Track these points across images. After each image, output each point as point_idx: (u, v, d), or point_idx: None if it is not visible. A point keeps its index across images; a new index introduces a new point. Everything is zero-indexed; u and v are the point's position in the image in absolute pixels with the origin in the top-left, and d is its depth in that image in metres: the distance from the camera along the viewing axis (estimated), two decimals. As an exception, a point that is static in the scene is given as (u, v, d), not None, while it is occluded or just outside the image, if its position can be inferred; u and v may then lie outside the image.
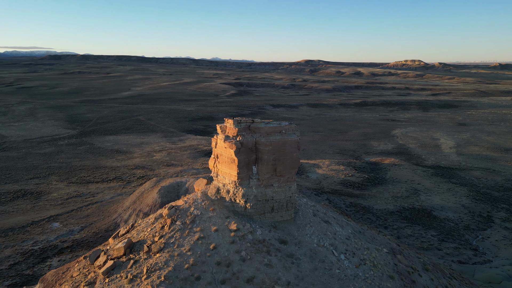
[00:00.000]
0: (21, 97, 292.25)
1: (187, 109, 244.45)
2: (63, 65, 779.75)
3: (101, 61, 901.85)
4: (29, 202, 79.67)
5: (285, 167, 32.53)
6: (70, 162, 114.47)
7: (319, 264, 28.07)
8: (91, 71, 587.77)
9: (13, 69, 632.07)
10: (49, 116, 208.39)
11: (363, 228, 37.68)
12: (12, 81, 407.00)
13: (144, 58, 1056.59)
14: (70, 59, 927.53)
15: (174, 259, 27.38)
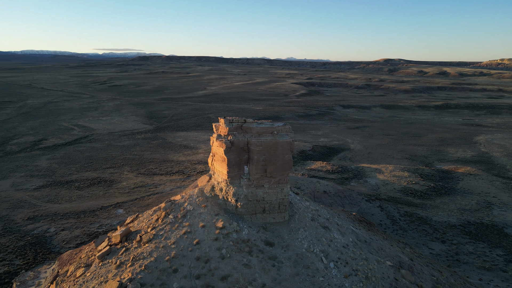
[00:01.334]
0: (111, 94, 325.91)
1: (255, 108, 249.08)
2: (150, 65, 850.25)
3: (183, 62, 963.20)
4: (102, 189, 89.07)
5: (276, 168, 31.85)
6: (143, 155, 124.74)
7: (303, 269, 26.76)
8: (173, 71, 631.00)
9: (108, 69, 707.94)
10: (132, 112, 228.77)
11: (375, 238, 34.66)
12: (106, 80, 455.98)
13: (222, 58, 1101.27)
14: (156, 60, 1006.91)
15: (158, 250, 28.75)
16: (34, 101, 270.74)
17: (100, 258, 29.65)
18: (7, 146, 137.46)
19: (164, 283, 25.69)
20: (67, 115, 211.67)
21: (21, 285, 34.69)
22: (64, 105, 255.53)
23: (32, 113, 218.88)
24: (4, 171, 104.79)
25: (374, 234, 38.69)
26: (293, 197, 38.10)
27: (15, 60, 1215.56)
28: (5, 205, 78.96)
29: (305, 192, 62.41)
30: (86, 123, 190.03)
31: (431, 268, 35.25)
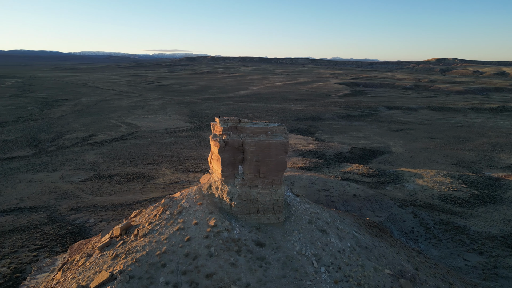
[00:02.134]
0: (158, 93, 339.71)
1: (295, 109, 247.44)
2: (196, 65, 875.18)
3: (228, 62, 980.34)
4: (140, 184, 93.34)
5: (269, 169, 31.26)
6: (181, 152, 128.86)
7: (291, 272, 25.90)
8: (217, 71, 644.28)
9: (157, 69, 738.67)
10: (175, 111, 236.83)
11: (379, 244, 32.59)
12: (154, 80, 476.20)
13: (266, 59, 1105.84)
14: (202, 60, 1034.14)
15: (151, 245, 29.38)
16: (87, 99, 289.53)
17: (99, 249, 31.32)
18: (60, 141, 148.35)
19: (152, 276, 26.55)
20: (116, 113, 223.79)
21: (38, 270, 37.68)
22: (114, 103, 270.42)
23: (85, 110, 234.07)
24: (55, 164, 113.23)
25: (381, 241, 36.72)
26: (292, 199, 37.47)
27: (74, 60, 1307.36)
28: (53, 195, 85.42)
29: (333, 195, 60.99)
30: (132, 120, 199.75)
31: (439, 280, 32.85)
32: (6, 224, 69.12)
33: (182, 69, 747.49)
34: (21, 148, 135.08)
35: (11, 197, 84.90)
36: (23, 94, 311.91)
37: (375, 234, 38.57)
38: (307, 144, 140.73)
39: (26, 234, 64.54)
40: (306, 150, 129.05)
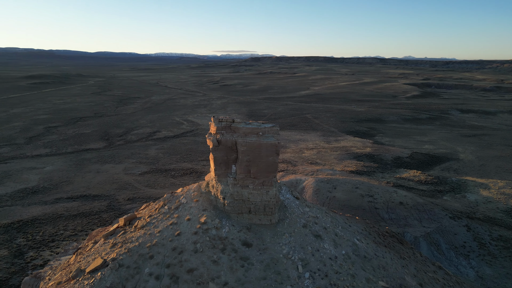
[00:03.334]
0: (221, 93, 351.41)
1: (356, 110, 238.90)
2: (260, 66, 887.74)
3: (292, 62, 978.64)
4: (192, 179, 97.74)
5: (259, 169, 30.51)
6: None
7: (272, 275, 24.66)
8: (280, 71, 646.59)
9: (223, 70, 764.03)
10: (235, 110, 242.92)
11: (384, 255, 29.32)
12: (218, 80, 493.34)
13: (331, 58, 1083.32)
14: (266, 61, 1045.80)
15: (144, 237, 30.25)
16: (157, 97, 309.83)
17: (104, 237, 33.55)
18: (128, 136, 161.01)
19: (139, 266, 27.75)
20: (180, 111, 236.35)
21: (64, 252, 41.55)
22: (180, 102, 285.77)
23: (153, 108, 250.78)
24: (121, 157, 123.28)
25: (388, 252, 33.56)
26: (290, 201, 36.13)
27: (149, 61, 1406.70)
28: (114, 185, 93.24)
29: (378, 201, 57.75)
30: (194, 118, 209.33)
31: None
32: (72, 209, 77.20)
33: (247, 69, 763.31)
34: (94, 141, 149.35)
35: (80, 185, 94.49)
36: (102, 92, 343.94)
37: (385, 244, 35.72)
38: (364, 147, 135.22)
39: (86, 219, 71.46)
40: (362, 153, 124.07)
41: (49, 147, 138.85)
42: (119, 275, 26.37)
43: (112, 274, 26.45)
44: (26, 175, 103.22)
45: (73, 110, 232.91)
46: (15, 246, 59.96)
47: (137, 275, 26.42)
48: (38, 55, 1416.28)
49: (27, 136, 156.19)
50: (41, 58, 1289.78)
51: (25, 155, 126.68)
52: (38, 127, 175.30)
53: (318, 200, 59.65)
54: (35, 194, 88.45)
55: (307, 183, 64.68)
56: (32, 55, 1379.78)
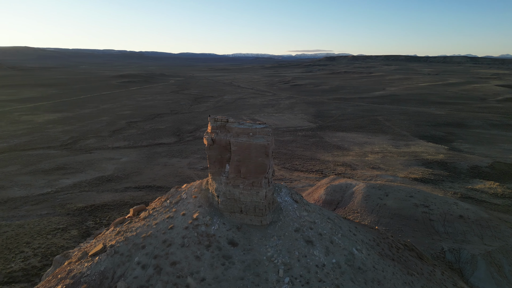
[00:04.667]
0: (290, 93, 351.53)
1: (435, 113, 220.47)
2: (335, 65, 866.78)
3: (369, 61, 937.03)
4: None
5: (248, 170, 29.70)
6: (295, 151, 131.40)
7: (251, 276, 23.14)
8: (355, 71, 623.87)
9: (295, 70, 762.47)
10: (302, 110, 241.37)
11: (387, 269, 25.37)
12: (290, 80, 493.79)
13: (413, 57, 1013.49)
14: (342, 60, 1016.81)
15: (143, 228, 31.01)
16: (228, 97, 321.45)
17: (113, 225, 35.75)
18: (197, 133, 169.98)
19: (131, 255, 29.00)
20: (248, 110, 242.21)
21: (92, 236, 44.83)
22: (249, 101, 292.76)
23: (224, 106, 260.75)
24: (187, 152, 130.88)
25: (394, 266, 29.45)
26: (287, 204, 34.15)
27: (226, 62, 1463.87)
28: (177, 178, 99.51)
29: (434, 213, 52.52)
30: (261, 118, 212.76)
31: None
32: (137, 198, 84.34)
33: (320, 69, 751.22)
34: (167, 136, 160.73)
35: (147, 176, 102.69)
36: (180, 91, 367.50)
37: (393, 257, 31.87)
38: (437, 154, 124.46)
39: (147, 207, 77.52)
40: (433, 160, 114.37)
41: (128, 140, 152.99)
42: (112, 261, 28.59)
43: (107, 260, 28.82)
44: (105, 165, 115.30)
45: (152, 107, 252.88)
46: (84, 227, 67.70)
47: (127, 262, 28.36)
48: (130, 56, 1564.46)
49: (111, 130, 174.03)
50: (132, 59, 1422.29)
51: (106, 147, 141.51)
52: (121, 122, 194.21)
53: (366, 207, 56.68)
54: (109, 182, 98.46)
55: (357, 188, 61.80)
56: (124, 56, 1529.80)
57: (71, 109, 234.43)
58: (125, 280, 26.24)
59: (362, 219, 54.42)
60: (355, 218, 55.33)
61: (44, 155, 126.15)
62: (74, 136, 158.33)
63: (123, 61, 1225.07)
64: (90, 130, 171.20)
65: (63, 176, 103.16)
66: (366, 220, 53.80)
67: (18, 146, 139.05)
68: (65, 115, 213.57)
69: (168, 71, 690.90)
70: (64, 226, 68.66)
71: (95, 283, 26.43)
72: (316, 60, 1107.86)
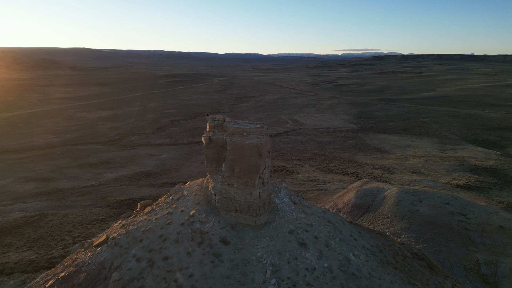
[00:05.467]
0: (333, 93, 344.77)
1: (489, 116, 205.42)
2: (382, 65, 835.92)
3: (420, 61, 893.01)
4: (280, 176, 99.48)
5: (242, 169, 29.33)
6: (332, 152, 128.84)
7: (237, 275, 22.28)
8: (404, 71, 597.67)
9: (340, 69, 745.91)
10: (344, 111, 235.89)
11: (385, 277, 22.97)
12: (333, 79, 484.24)
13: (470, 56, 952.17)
14: (390, 59, 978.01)
15: (143, 222, 31.56)
16: (269, 96, 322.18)
17: (121, 218, 36.98)
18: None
19: (129, 247, 29.80)
20: (288, 110, 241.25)
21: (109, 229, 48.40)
22: (290, 101, 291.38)
23: (264, 106, 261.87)
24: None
25: (393, 274, 26.84)
26: (285, 206, 32.74)
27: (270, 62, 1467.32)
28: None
29: (471, 222, 48.69)
30: (300, 118, 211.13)
31: None
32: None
33: (366, 68, 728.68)
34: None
35: (184, 173, 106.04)
36: (223, 90, 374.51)
37: (395, 265, 29.33)
38: (486, 159, 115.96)
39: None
40: (481, 166, 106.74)
41: (170, 138, 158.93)
42: (112, 252, 29.91)
43: (107, 251, 30.22)
44: (146, 161, 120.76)
45: (195, 106, 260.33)
46: (121, 218, 71.51)
47: (125, 254, 29.49)
48: (178, 57, 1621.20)
49: (155, 127, 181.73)
50: (180, 59, 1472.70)
51: (149, 143, 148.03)
52: (165, 120, 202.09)
53: (397, 212, 54.09)
54: (148, 177, 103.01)
55: (389, 192, 59.15)
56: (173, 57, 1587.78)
57: (120, 107, 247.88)
58: (120, 271, 27.59)
59: (391, 225, 52.23)
60: (385, 223, 53.22)
61: (92, 150, 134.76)
62: (120, 133, 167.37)
63: (171, 62, 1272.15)
64: (136, 127, 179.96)
65: (107, 170, 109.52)
66: (395, 227, 51.56)
67: (71, 140, 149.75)
68: (115, 112, 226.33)
69: (213, 71, 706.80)
70: (103, 218, 72.97)
71: (94, 272, 28.06)
72: (362, 60, 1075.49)
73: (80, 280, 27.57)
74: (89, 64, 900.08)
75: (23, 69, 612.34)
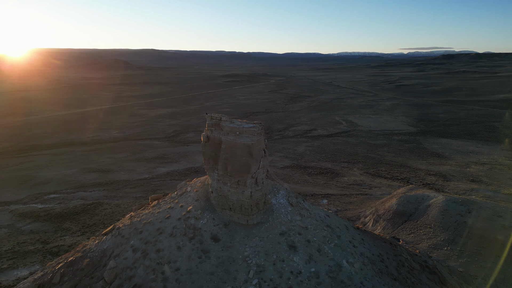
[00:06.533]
0: (394, 93, 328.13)
1: None
2: (452, 64, 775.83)
3: (496, 60, 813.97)
4: (325, 178, 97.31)
5: (234, 168, 29.01)
6: (384, 156, 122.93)
7: (221, 273, 21.40)
8: (477, 70, 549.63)
9: (404, 69, 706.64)
10: (403, 113, 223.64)
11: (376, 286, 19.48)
12: (396, 79, 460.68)
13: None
14: (462, 58, 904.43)
15: (147, 215, 32.38)
16: (325, 96, 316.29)
17: (133, 211, 38.11)
18: (286, 132, 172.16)
19: (129, 237, 31.03)
20: (343, 111, 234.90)
21: None
22: (346, 101, 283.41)
23: (318, 107, 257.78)
24: (272, 150, 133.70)
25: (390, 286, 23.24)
26: (281, 207, 30.64)
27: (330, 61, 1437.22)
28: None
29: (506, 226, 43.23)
30: (355, 119, 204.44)
31: None
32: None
33: (434, 68, 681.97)
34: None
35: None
36: (278, 90, 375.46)
37: (396, 277, 25.88)
38: None
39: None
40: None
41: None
42: (114, 241, 31.62)
43: (111, 240, 32.07)
44: (197, 157, 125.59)
45: (250, 105, 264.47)
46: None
47: (124, 244, 31.00)
48: (239, 57, 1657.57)
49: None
50: (240, 59, 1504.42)
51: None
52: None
53: (442, 222, 49.94)
54: (196, 173, 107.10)
55: (434, 201, 54.74)
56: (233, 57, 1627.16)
57: (179, 105, 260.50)
58: (116, 259, 29.35)
59: (433, 235, 48.56)
60: (427, 233, 49.69)
61: (149, 145, 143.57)
62: (177, 130, 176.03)
63: (231, 62, 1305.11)
64: (191, 125, 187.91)
65: (160, 165, 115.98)
66: (438, 238, 47.86)
67: (131, 136, 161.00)
68: (174, 110, 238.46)
69: (271, 71, 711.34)
70: (150, 208, 77.59)
71: (96, 259, 30.21)
72: (430, 59, 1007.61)
73: (83, 265, 30.23)
74: (156, 65, 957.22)
75: (98, 69, 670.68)
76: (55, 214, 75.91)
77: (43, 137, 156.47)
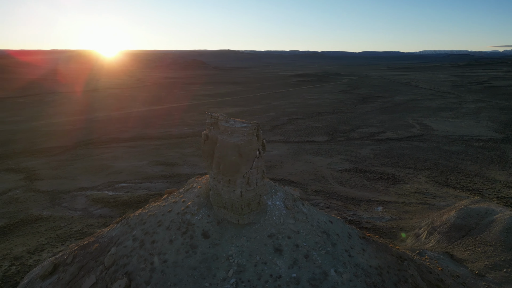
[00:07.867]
0: (481, 95, 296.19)
1: None
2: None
3: None
4: (384, 184, 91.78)
5: (225, 168, 29.59)
6: (458, 164, 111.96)
7: (203, 269, 21.39)
8: None
9: (497, 68, 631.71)
10: (489, 117, 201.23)
11: None
12: (485, 80, 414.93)
13: None
14: None
15: (154, 208, 33.59)
16: (400, 97, 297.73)
17: (149, 203, 39.18)
18: (351, 133, 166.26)
19: (134, 227, 33.32)
20: (418, 113, 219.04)
21: None
22: (423, 103, 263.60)
23: (391, 108, 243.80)
24: (333, 152, 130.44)
25: None
26: (275, 209, 28.15)
27: (411, 60, 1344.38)
28: (311, 176, 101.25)
29: None
30: (430, 122, 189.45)
31: None
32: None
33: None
34: (319, 135, 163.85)
35: (286, 170, 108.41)
36: (350, 90, 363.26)
37: None
38: None
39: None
40: None
41: (284, 135, 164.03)
42: (121, 230, 33.97)
43: (119, 228, 34.54)
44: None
45: (317, 105, 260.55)
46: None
47: (129, 233, 33.02)
48: (312, 57, 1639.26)
49: (273, 125, 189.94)
50: (314, 59, 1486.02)
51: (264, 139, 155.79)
52: (283, 118, 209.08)
53: (505, 241, 43.74)
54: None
55: (500, 216, 48.09)
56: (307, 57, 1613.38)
57: (247, 104, 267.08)
58: (117, 246, 31.57)
59: (493, 254, 43.08)
60: (485, 252, 44.32)
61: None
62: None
63: (305, 61, 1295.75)
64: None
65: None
66: (498, 257, 42.35)
67: (199, 132, 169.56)
68: (241, 109, 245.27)
69: (344, 71, 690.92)
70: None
71: (104, 244, 32.89)
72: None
73: (92, 249, 33.56)
74: (231, 65, 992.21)
75: (178, 69, 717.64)
76: (122, 201, 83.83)
77: (123, 131, 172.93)
